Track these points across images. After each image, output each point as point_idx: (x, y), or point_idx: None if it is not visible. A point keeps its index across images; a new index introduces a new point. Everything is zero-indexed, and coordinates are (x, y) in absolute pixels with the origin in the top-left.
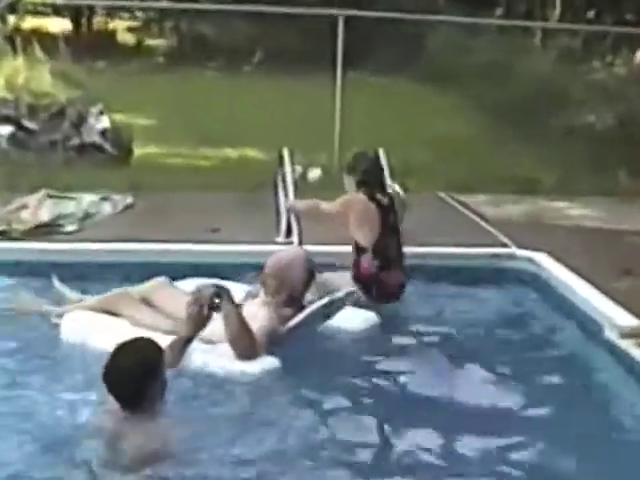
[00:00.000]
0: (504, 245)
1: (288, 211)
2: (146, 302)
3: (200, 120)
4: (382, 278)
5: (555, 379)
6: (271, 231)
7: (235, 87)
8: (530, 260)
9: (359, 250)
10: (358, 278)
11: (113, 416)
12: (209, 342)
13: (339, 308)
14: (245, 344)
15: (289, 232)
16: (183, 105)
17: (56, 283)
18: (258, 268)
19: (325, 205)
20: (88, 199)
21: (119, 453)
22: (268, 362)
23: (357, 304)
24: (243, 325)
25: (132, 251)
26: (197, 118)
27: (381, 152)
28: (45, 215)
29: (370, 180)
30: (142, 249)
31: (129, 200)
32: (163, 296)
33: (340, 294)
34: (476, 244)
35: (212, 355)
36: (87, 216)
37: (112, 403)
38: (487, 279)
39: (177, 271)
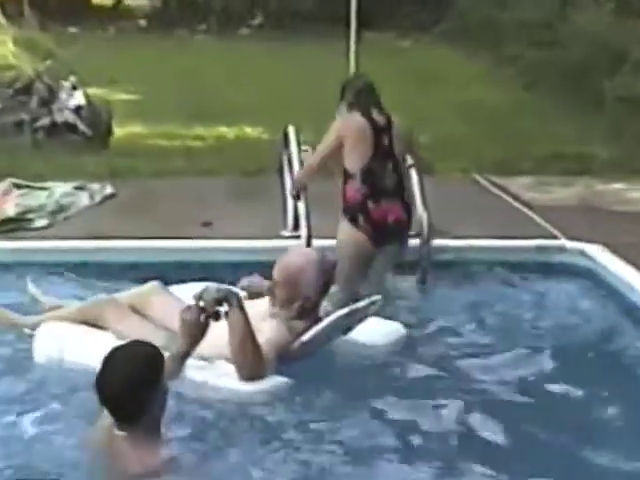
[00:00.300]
0: (552, 236)
1: (296, 195)
2: (135, 311)
3: (191, 93)
4: (369, 207)
5: (616, 385)
6: (275, 223)
7: (230, 54)
8: (582, 253)
9: (347, 177)
10: (345, 209)
11: (107, 434)
12: (200, 358)
13: (360, 319)
14: (251, 361)
15: (296, 224)
16: (170, 76)
17: (30, 286)
18: (259, 267)
19: (320, 147)
20: (61, 189)
21: (115, 475)
22: (277, 383)
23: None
24: (251, 338)
25: (112, 249)
26: (187, 91)
27: (407, 130)
28: (11, 209)
29: (363, 98)
30: (124, 247)
31: (109, 189)
32: (155, 304)
33: (362, 303)
34: (519, 236)
35: (210, 375)
36: (60, 209)
37: (105, 418)
38: (532, 275)
39: (165, 271)
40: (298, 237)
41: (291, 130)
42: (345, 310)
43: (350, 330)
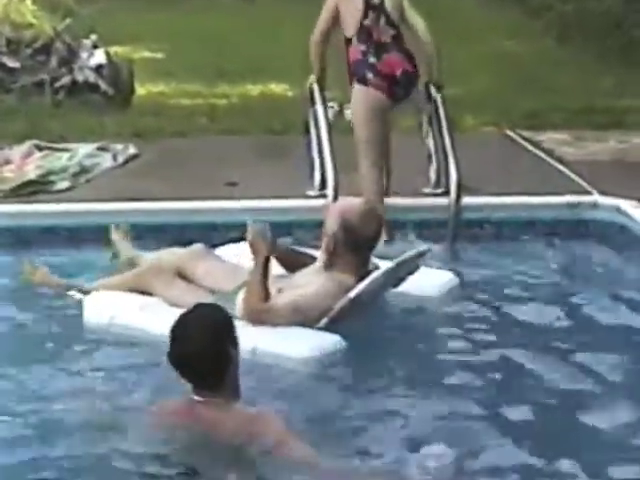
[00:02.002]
0: (585, 192)
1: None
2: (182, 276)
3: (214, 51)
4: (373, 62)
5: None
6: (301, 182)
7: (255, 10)
8: (617, 209)
9: (347, 44)
10: (351, 73)
11: (186, 403)
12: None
13: (411, 271)
14: (253, 301)
15: (323, 183)
16: (194, 32)
17: (114, 234)
18: (285, 227)
19: (318, 24)
20: (83, 150)
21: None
22: (328, 341)
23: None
24: (263, 279)
25: (136, 211)
26: (211, 48)
27: (432, 88)
28: (32, 171)
29: None
30: (148, 208)
31: (132, 150)
32: (200, 267)
33: (411, 253)
34: (551, 192)
35: (258, 335)
36: (82, 171)
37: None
38: (565, 233)
39: (189, 233)
40: (325, 196)
41: (316, 86)
42: (393, 262)
43: (401, 282)
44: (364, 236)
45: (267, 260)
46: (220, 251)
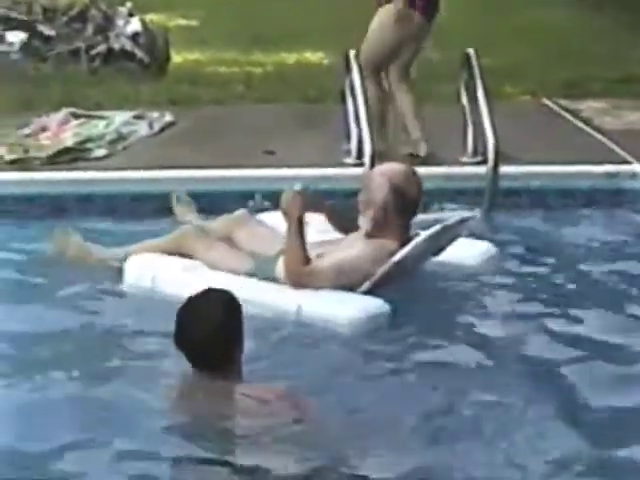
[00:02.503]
0: (624, 161)
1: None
2: (225, 240)
3: (249, 18)
4: None
5: None
6: (338, 151)
7: None
8: None
9: None
10: None
11: (191, 385)
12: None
13: (452, 239)
14: (294, 264)
15: (360, 151)
16: (229, 0)
17: (177, 208)
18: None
19: None
20: (119, 118)
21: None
22: (372, 304)
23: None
24: (300, 241)
25: (174, 179)
26: (246, 16)
27: (472, 52)
28: (69, 139)
29: None
30: (185, 176)
31: (168, 118)
32: (243, 232)
33: (453, 220)
34: (589, 161)
35: (301, 296)
36: (119, 138)
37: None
38: (603, 202)
39: (227, 201)
40: (362, 165)
41: (352, 55)
42: (435, 228)
43: (442, 251)
44: (411, 198)
45: (300, 223)
46: (263, 217)
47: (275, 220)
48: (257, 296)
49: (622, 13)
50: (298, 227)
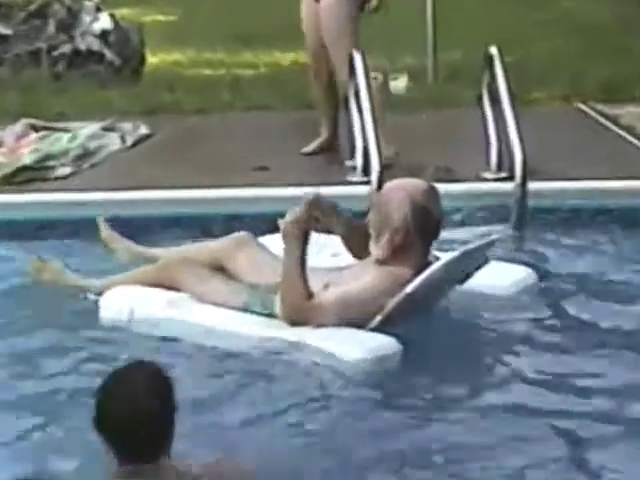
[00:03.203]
0: None
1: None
2: (218, 268)
3: (238, 12)
4: None
5: None
6: (341, 166)
7: None
8: None
9: None
10: None
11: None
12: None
13: (479, 265)
14: (288, 300)
15: (366, 167)
16: None
17: (103, 229)
18: None
19: None
20: (86, 131)
21: None
22: (382, 343)
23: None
24: (300, 269)
25: (149, 201)
26: (233, 9)
27: (495, 51)
28: (28, 155)
29: None
30: (163, 198)
31: (143, 129)
32: (242, 257)
33: (481, 242)
34: (631, 176)
35: (302, 333)
36: (86, 154)
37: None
38: None
39: (212, 226)
40: (368, 183)
41: (357, 55)
42: (459, 252)
43: (468, 278)
44: (435, 218)
45: (303, 244)
46: (266, 240)
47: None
48: (251, 333)
49: None
50: (297, 250)
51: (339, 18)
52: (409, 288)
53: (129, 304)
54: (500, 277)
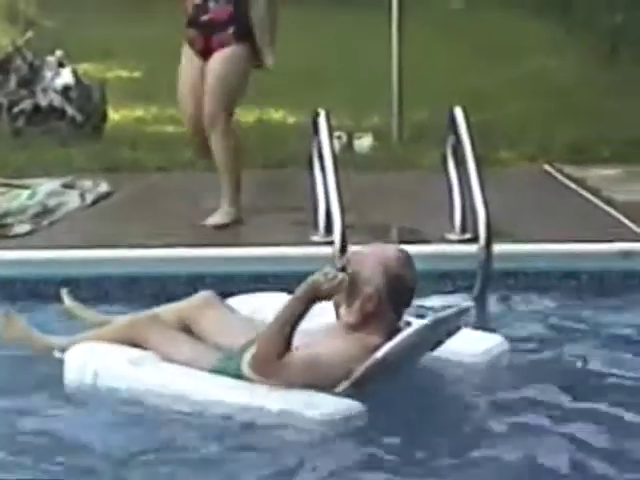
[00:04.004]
0: (638, 239)
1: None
2: (184, 326)
3: None
4: None
5: None
6: (304, 226)
7: None
8: None
9: None
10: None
11: None
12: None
13: (450, 332)
14: (269, 351)
15: (329, 226)
16: (177, 48)
17: (66, 299)
18: (286, 279)
19: None
20: (45, 188)
21: None
22: (347, 407)
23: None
24: (292, 331)
25: (109, 260)
26: None
27: (459, 112)
28: None
29: None
30: (123, 257)
31: (103, 187)
32: (207, 317)
33: (451, 311)
34: (599, 239)
35: (265, 394)
36: (45, 212)
37: None
38: (615, 287)
39: (173, 286)
40: (331, 243)
41: (322, 113)
42: (428, 320)
43: (439, 345)
44: (407, 286)
45: (306, 311)
46: (232, 301)
47: (246, 305)
48: (217, 396)
49: (637, 68)
50: (302, 312)
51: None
52: (379, 354)
53: (93, 364)
54: (470, 343)
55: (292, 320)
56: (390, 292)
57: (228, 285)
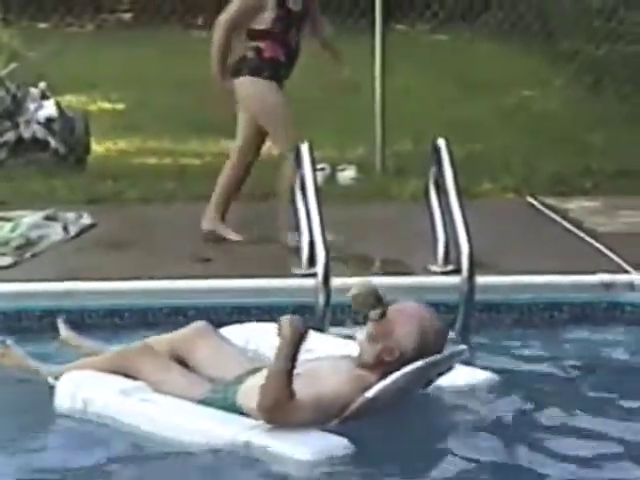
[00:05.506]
0: (621, 270)
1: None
2: (177, 356)
3: (185, 101)
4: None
5: None
6: (287, 258)
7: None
8: None
9: None
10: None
11: None
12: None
13: (442, 372)
14: (280, 395)
15: (312, 259)
16: (161, 80)
17: (62, 329)
18: (267, 310)
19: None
20: (28, 220)
21: None
22: (334, 444)
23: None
24: (292, 368)
25: (92, 292)
26: (181, 98)
27: (442, 143)
28: None
29: None
30: (105, 289)
31: (86, 219)
32: (201, 348)
33: (448, 353)
34: (581, 270)
35: (258, 435)
36: (27, 244)
37: None
38: (597, 318)
39: (155, 318)
40: (314, 275)
41: (304, 146)
42: (422, 361)
43: (430, 384)
44: (432, 353)
45: (299, 345)
46: (227, 331)
47: (240, 335)
48: (204, 427)
49: (621, 97)
50: (294, 351)
51: None
52: (370, 393)
53: (84, 392)
54: (461, 376)
55: (290, 358)
56: (413, 358)
57: (211, 317)
